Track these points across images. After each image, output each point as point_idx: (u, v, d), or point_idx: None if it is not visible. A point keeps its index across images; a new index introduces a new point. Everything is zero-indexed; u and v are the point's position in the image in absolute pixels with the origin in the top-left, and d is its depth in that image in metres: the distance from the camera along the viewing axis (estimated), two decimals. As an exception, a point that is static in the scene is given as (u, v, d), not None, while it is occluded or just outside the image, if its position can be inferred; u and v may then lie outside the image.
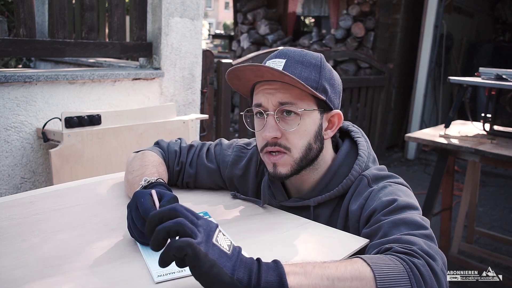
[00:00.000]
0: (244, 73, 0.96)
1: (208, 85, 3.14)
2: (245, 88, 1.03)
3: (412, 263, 0.70)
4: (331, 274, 0.68)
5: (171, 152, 1.20)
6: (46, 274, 0.73)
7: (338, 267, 0.69)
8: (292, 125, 0.95)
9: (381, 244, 0.79)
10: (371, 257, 0.72)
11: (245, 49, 7.39)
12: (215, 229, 0.67)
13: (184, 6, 2.72)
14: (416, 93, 5.73)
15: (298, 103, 0.95)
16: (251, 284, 0.64)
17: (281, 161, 0.96)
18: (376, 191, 0.93)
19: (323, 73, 0.98)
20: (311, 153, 0.98)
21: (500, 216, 3.93)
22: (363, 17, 6.11)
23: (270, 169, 0.99)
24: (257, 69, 0.92)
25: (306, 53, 0.99)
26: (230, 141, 1.23)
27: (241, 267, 0.64)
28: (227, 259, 0.64)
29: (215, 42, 15.91)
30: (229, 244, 0.68)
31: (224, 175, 1.17)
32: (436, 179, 2.61)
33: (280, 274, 0.65)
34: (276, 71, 0.90)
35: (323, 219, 1.02)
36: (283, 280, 0.65)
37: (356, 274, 0.68)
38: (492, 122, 2.61)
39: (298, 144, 0.96)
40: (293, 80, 0.91)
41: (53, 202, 1.06)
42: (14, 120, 2.06)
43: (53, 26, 2.27)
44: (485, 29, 7.72)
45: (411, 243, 0.75)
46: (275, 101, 0.95)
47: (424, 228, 0.81)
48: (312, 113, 0.97)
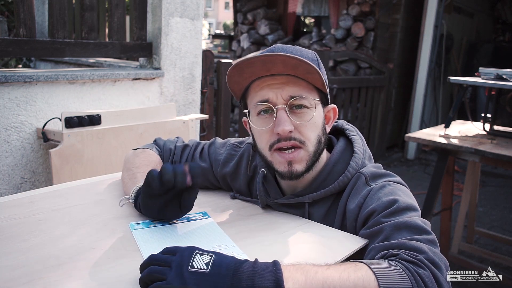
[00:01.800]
0: (252, 66, 0.92)
1: (208, 85, 3.14)
2: (242, 86, 0.99)
3: (417, 274, 0.68)
4: (333, 283, 0.66)
5: (166, 151, 1.22)
6: (46, 274, 0.73)
7: (342, 274, 0.67)
8: (305, 118, 0.93)
9: (384, 248, 0.78)
10: (377, 264, 0.71)
11: (245, 49, 7.39)
12: (191, 255, 0.67)
13: (184, 6, 2.72)
14: (416, 93, 5.72)
15: (308, 96, 0.94)
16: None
17: (298, 157, 0.93)
18: (375, 190, 0.92)
19: (321, 67, 0.99)
20: (320, 146, 0.97)
21: (500, 216, 3.93)
22: (363, 17, 6.11)
23: (283, 169, 0.95)
24: (271, 59, 0.89)
25: (301, 48, 0.98)
26: (224, 140, 1.23)
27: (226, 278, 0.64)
28: (208, 278, 0.64)
29: (215, 42, 15.90)
30: (208, 261, 0.67)
31: (216, 174, 1.17)
32: (436, 179, 2.60)
33: (278, 279, 0.64)
34: (294, 59, 0.87)
35: (318, 217, 1.01)
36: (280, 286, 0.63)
37: (359, 284, 0.66)
38: (492, 122, 2.61)
39: (311, 137, 0.94)
40: (312, 69, 0.89)
41: (53, 202, 1.06)
42: (14, 120, 2.06)
43: (53, 26, 2.27)
44: (485, 29, 7.71)
45: (417, 251, 0.73)
46: (285, 95, 0.92)
47: (427, 233, 0.80)
48: (318, 105, 0.97)
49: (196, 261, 0.66)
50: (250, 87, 0.98)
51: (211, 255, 0.68)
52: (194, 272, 0.65)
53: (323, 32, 7.15)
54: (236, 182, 1.15)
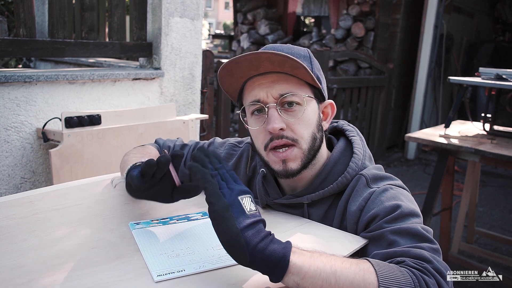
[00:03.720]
0: (240, 65, 0.92)
1: (208, 85, 3.14)
2: (235, 87, 1.00)
3: (423, 279, 0.69)
4: (335, 266, 0.69)
5: (165, 147, 1.25)
6: (46, 274, 0.73)
7: (344, 262, 0.70)
8: (296, 115, 0.93)
9: (387, 255, 0.78)
10: (380, 262, 0.71)
11: (245, 49, 7.39)
12: (246, 193, 0.72)
13: (184, 6, 2.72)
14: (416, 93, 5.72)
15: (298, 92, 0.93)
16: (257, 246, 0.67)
17: (291, 155, 0.93)
18: (377, 193, 0.91)
19: (313, 63, 0.98)
20: (316, 143, 0.97)
21: (500, 216, 3.93)
22: (363, 17, 6.11)
23: (278, 167, 0.95)
24: (256, 57, 0.89)
25: (292, 46, 0.98)
26: (223, 139, 1.23)
27: (254, 229, 0.68)
28: (243, 215, 0.69)
29: (215, 42, 15.90)
30: (254, 209, 0.71)
31: None
32: (436, 179, 2.60)
33: (286, 247, 0.68)
34: (279, 55, 0.87)
35: (317, 217, 1.00)
36: (286, 253, 0.67)
37: (360, 273, 0.68)
38: (492, 122, 2.61)
39: (304, 134, 0.94)
40: (297, 64, 0.88)
41: (53, 202, 1.06)
42: (14, 120, 2.06)
43: (53, 26, 2.27)
44: (485, 29, 7.71)
45: (423, 259, 0.73)
46: (275, 93, 0.92)
47: (431, 242, 0.79)
48: (311, 101, 0.96)
49: (246, 200, 0.72)
50: (244, 88, 0.98)
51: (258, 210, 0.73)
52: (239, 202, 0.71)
53: (323, 32, 7.15)
54: None
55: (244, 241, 0.66)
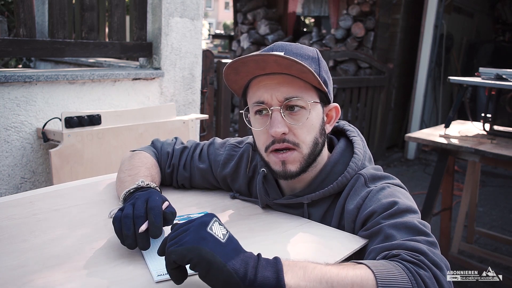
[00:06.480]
0: (246, 65, 0.91)
1: (208, 85, 3.14)
2: (240, 85, 0.99)
3: (418, 274, 0.68)
4: (331, 278, 0.67)
5: (164, 154, 1.20)
6: (46, 274, 0.73)
7: (340, 271, 0.68)
8: (300, 120, 0.92)
9: (384, 249, 0.78)
10: (376, 263, 0.71)
11: (245, 49, 7.39)
12: (210, 220, 0.70)
13: (184, 6, 2.72)
14: (416, 93, 5.73)
15: (304, 96, 0.92)
16: (247, 276, 0.64)
17: (291, 158, 0.93)
18: (375, 192, 0.91)
19: (322, 65, 0.97)
20: (317, 148, 0.96)
21: (500, 216, 3.93)
22: (363, 17, 6.11)
23: (277, 168, 0.95)
24: (263, 59, 0.88)
25: (302, 46, 0.97)
26: (223, 140, 1.22)
27: (237, 258, 0.66)
28: (222, 248, 0.66)
29: (215, 42, 15.90)
30: (225, 233, 0.69)
31: (216, 175, 1.17)
32: (436, 179, 2.60)
33: (278, 270, 0.66)
34: (286, 59, 0.86)
35: (317, 217, 1.00)
36: (280, 277, 0.65)
37: (357, 281, 0.67)
38: (492, 122, 2.61)
39: (306, 139, 0.93)
40: (304, 68, 0.87)
41: (53, 202, 1.06)
42: (14, 120, 2.06)
43: (53, 26, 2.27)
44: (485, 29, 7.71)
45: (418, 251, 0.73)
46: (280, 96, 0.91)
47: (427, 235, 0.80)
48: (316, 106, 0.95)
49: (215, 226, 0.69)
50: (249, 85, 0.98)
51: (227, 229, 0.71)
52: (211, 234, 0.67)
53: (323, 32, 7.15)
54: (236, 183, 1.15)
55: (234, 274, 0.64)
